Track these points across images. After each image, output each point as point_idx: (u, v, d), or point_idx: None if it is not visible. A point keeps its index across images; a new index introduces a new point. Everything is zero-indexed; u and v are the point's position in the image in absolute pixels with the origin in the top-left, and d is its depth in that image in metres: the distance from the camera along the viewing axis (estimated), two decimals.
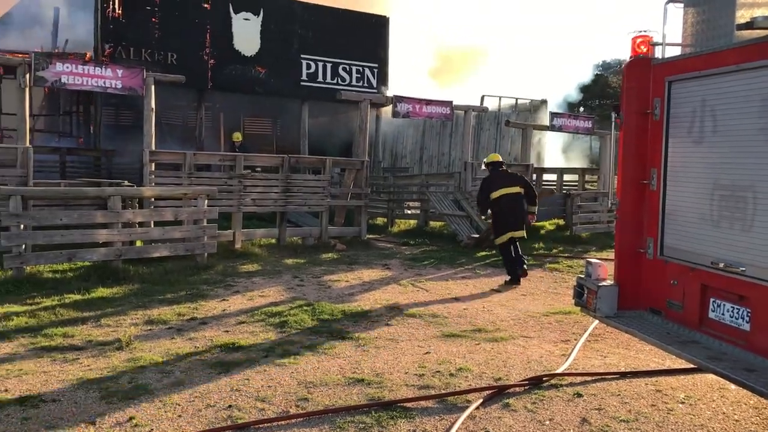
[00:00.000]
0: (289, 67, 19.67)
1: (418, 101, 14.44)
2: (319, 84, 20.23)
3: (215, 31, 18.28)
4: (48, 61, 10.26)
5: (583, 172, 21.27)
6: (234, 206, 11.82)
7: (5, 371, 5.33)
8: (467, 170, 15.26)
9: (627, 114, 5.27)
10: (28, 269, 8.93)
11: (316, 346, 6.27)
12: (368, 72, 21.05)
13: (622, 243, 5.42)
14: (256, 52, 19.04)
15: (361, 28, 20.84)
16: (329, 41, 20.20)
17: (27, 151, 10.01)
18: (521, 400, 5.00)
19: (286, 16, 19.46)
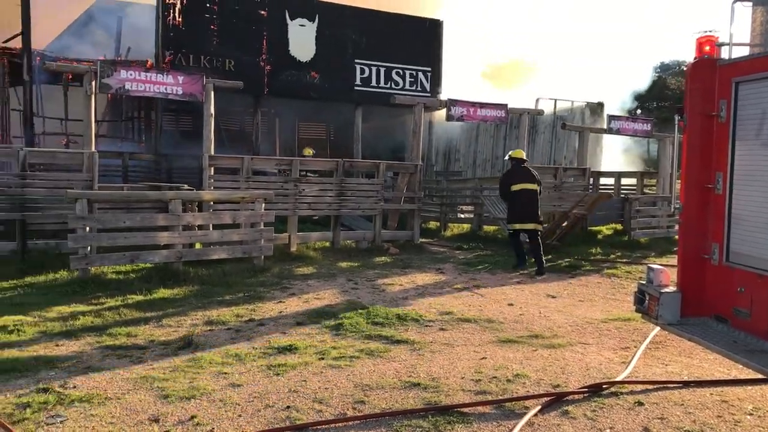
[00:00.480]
0: (343, 72, 19.83)
1: (473, 104, 14.37)
2: (373, 88, 20.34)
3: (272, 38, 18.58)
4: (113, 69, 10.61)
5: (641, 176, 20.78)
6: (290, 210, 11.99)
7: (73, 368, 5.51)
8: None
9: (691, 116, 5.14)
10: (93, 270, 9.22)
11: (371, 350, 6.29)
12: (421, 76, 21.05)
13: (686, 248, 5.28)
14: (311, 57, 19.27)
15: (415, 32, 20.86)
16: (383, 46, 20.30)
17: (93, 156, 10.36)
18: (580, 407, 4.92)
19: (341, 22, 19.64)
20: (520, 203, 11.27)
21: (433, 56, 21.27)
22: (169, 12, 17.13)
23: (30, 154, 10.21)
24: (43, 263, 9.80)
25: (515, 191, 11.28)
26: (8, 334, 6.50)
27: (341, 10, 19.80)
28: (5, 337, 6.38)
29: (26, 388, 4.98)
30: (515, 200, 11.34)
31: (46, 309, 7.57)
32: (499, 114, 14.81)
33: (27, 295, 8.31)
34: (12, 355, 5.84)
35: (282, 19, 18.73)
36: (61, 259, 9.91)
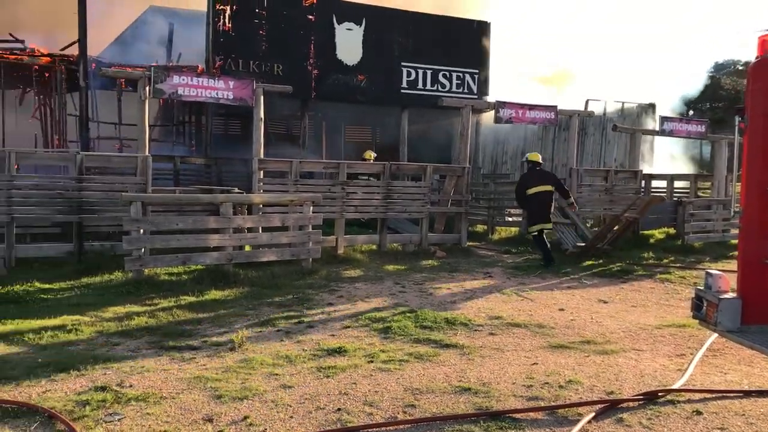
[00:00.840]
0: (390, 75, 19.87)
1: (521, 106, 14.21)
2: (419, 91, 20.32)
3: (319, 42, 18.74)
4: (166, 74, 10.83)
5: (695, 179, 20.27)
6: (337, 212, 12.05)
7: (129, 368, 5.64)
8: (572, 177, 14.87)
9: (752, 117, 4.98)
10: (147, 271, 9.42)
11: (420, 353, 6.27)
12: (468, 78, 20.95)
13: (746, 253, 5.12)
14: (358, 61, 19.36)
15: (462, 34, 20.77)
16: (429, 48, 20.27)
17: (146, 160, 10.60)
18: (636, 415, 4.81)
19: (388, 25, 19.69)
20: (538, 205, 12.03)
21: (481, 58, 21.15)
22: (219, 18, 17.43)
23: (87, 158, 10.51)
24: (99, 264, 10.07)
25: (532, 194, 12.05)
26: (67, 333, 6.69)
27: (388, 13, 19.86)
28: (64, 336, 6.57)
29: (85, 386, 5.11)
30: (533, 203, 12.08)
31: (102, 309, 7.77)
32: (549, 116, 14.62)
33: (84, 296, 8.55)
34: (71, 353, 6.00)
35: (329, 24, 18.88)
36: (116, 261, 10.16)
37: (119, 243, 10.26)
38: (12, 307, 7.80)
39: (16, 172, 10.02)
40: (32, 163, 12.03)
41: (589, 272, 11.52)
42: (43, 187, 10.22)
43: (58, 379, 5.29)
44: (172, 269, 10.01)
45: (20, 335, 6.52)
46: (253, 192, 11.39)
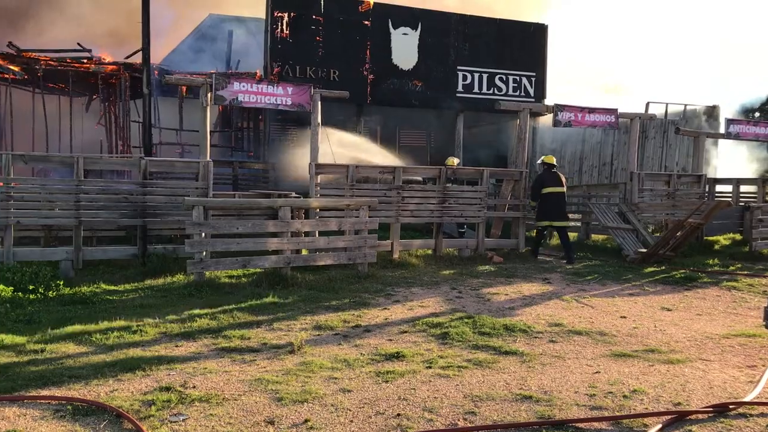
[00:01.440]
0: (445, 79, 19.81)
1: (581, 109, 13.97)
2: (475, 95, 20.21)
3: (375, 47, 18.83)
4: (226, 81, 11.05)
5: (762, 183, 19.52)
6: (392, 217, 12.06)
7: (192, 369, 5.75)
8: (634, 181, 14.52)
9: None
10: (208, 274, 9.61)
11: (479, 360, 6.20)
12: (525, 81, 20.72)
13: None
14: (414, 65, 19.38)
15: (518, 37, 20.58)
16: (485, 51, 20.14)
17: (207, 165, 10.83)
18: (705, 428, 4.64)
19: (443, 29, 19.65)
20: (550, 204, 12.90)
21: (538, 61, 20.89)
22: (278, 25, 17.70)
23: (150, 164, 10.80)
24: (162, 267, 10.32)
25: (546, 193, 12.90)
26: (132, 334, 6.87)
27: (444, 17, 19.82)
28: (130, 337, 6.74)
29: (150, 386, 5.24)
30: (546, 201, 12.92)
31: (165, 311, 7.94)
32: (609, 119, 14.32)
33: (147, 298, 8.77)
34: (136, 354, 6.16)
35: (385, 29, 18.95)
36: (178, 264, 10.41)
37: (181, 246, 10.52)
38: (80, 308, 8.06)
39: (83, 177, 10.36)
40: (98, 168, 12.42)
41: (651, 279, 11.22)
42: (109, 192, 10.55)
43: (124, 378, 5.44)
44: (231, 272, 10.19)
45: (88, 335, 6.73)
46: (310, 196, 11.50)
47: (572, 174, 23.61)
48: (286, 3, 17.80)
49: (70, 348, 6.33)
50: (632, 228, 13.81)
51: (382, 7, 19.05)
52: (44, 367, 5.71)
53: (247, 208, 10.91)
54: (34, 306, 8.04)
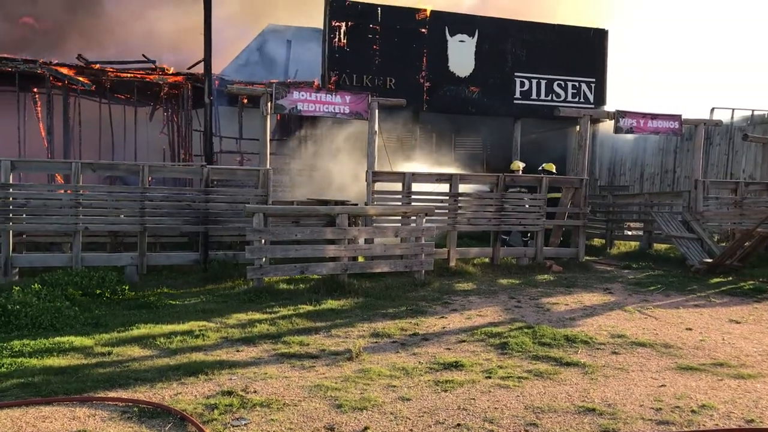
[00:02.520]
0: (503, 86, 19.65)
1: (643, 116, 13.64)
2: (533, 101, 19.97)
3: (431, 55, 18.82)
4: (286, 91, 11.22)
5: None
6: (449, 224, 12.00)
7: (253, 374, 5.82)
8: (698, 189, 14.09)
9: None
10: (267, 280, 9.75)
11: (540, 371, 6.09)
12: (585, 87, 20.37)
13: None
14: (470, 72, 19.29)
15: (577, 43, 20.25)
16: (544, 57, 19.90)
17: (267, 173, 11.01)
18: None
19: (500, 36, 19.50)
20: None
21: (598, 67, 20.52)
22: (335, 35, 17.88)
23: (212, 172, 11.04)
24: (222, 273, 10.53)
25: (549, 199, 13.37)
26: (195, 338, 7.01)
27: (501, 23, 19.66)
28: (193, 342, 6.88)
29: (213, 390, 5.33)
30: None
31: (226, 316, 8.09)
32: (672, 125, 13.94)
33: (209, 302, 8.94)
34: (199, 358, 6.28)
35: (442, 36, 18.93)
36: (238, 269, 10.60)
37: (241, 252, 10.71)
38: (144, 312, 8.28)
39: (148, 184, 10.66)
40: (161, 176, 12.77)
41: (718, 290, 10.84)
42: (172, 199, 10.83)
43: (187, 382, 5.54)
44: (289, 278, 10.31)
45: (152, 339, 6.90)
46: (367, 203, 11.54)
47: (633, 182, 23.08)
48: (343, 13, 17.97)
49: (136, 351, 6.50)
50: (697, 237, 13.38)
51: (439, 15, 19.04)
52: (111, 369, 5.88)
53: (305, 215, 11.04)
54: (101, 309, 8.29)
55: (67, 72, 16.93)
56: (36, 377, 5.55)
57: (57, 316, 7.49)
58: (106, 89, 18.11)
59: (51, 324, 7.34)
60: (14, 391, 5.22)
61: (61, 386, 5.31)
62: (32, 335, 6.92)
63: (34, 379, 5.50)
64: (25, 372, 5.68)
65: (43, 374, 5.63)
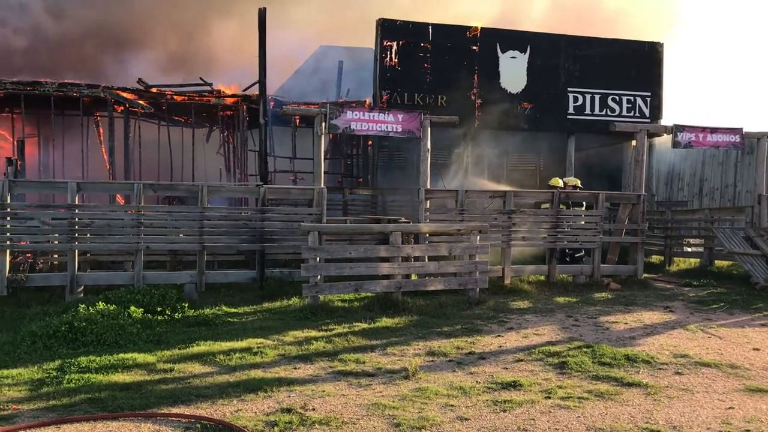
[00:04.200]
0: (555, 101, 19.46)
1: (702, 129, 13.31)
2: (587, 116, 19.70)
3: (483, 72, 18.79)
4: (340, 110, 11.36)
5: None
6: (503, 242, 11.90)
7: (311, 391, 5.87)
8: (762, 204, 13.63)
9: None
10: (322, 298, 9.82)
11: (600, 391, 5.97)
12: (640, 101, 20.01)
13: None
14: (522, 88, 19.16)
15: (632, 57, 19.92)
16: (597, 72, 19.64)
17: (321, 192, 11.14)
18: None
19: (553, 51, 19.34)
20: None
21: (653, 80, 20.14)
22: (387, 54, 18.04)
23: (268, 191, 11.22)
24: (278, 290, 10.67)
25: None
26: (253, 355, 7.11)
27: (553, 38, 19.51)
28: (251, 359, 6.99)
29: (272, 407, 5.39)
30: None
31: (283, 333, 8.19)
32: (733, 139, 13.55)
33: (265, 320, 9.07)
34: (258, 375, 6.36)
35: (493, 53, 18.89)
36: (293, 287, 10.72)
37: (296, 270, 10.84)
38: (203, 330, 8.44)
39: (207, 204, 10.90)
40: (219, 195, 13.01)
41: None
42: (230, 218, 11.06)
43: (247, 399, 5.63)
44: (343, 296, 10.38)
45: (212, 356, 7.03)
46: (420, 221, 11.55)
47: (691, 197, 22.48)
48: (395, 32, 18.12)
49: (196, 368, 6.64)
50: (761, 254, 12.92)
51: (490, 32, 19.02)
52: (173, 385, 6.01)
53: (359, 233, 11.11)
54: (162, 327, 8.48)
55: (128, 96, 17.49)
56: (102, 393, 5.71)
57: (121, 333, 7.71)
58: (164, 112, 18.63)
59: (115, 341, 7.56)
60: (82, 406, 5.39)
61: (127, 402, 5.46)
62: (97, 351, 7.14)
63: (100, 394, 5.66)
64: (92, 387, 5.86)
65: (109, 390, 5.79)
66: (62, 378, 6.10)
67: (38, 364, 6.67)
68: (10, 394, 5.72)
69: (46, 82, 17.08)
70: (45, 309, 9.22)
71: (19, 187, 10.80)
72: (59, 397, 5.59)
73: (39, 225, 10.14)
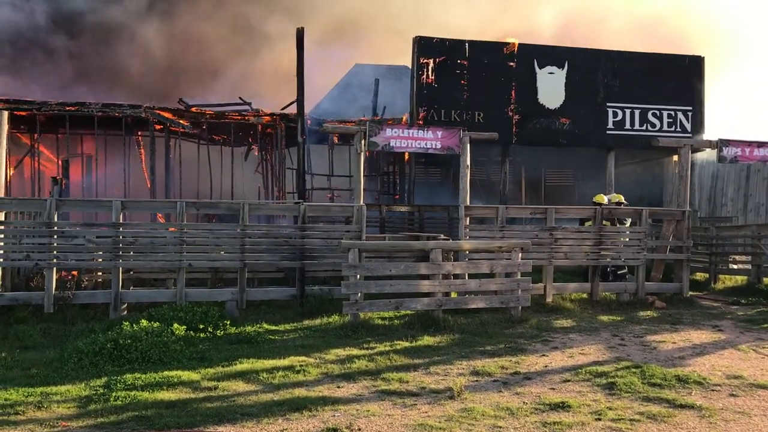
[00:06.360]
0: (594, 117, 19.23)
1: (748, 144, 13.00)
2: (627, 131, 19.42)
3: (520, 87, 18.68)
4: (379, 128, 11.38)
5: None
6: (545, 259, 11.74)
7: (355, 411, 5.82)
8: None
9: None
10: (362, 315, 9.77)
11: (653, 413, 5.80)
12: (681, 116, 19.66)
13: None
14: (560, 104, 18.98)
15: (673, 71, 19.61)
16: (637, 87, 19.37)
17: (361, 209, 11.13)
18: None
19: (591, 66, 19.15)
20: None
21: (694, 95, 19.78)
22: (423, 71, 18.05)
23: (309, 209, 11.25)
24: (318, 308, 10.64)
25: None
26: (296, 374, 7.09)
27: (592, 54, 19.33)
28: (294, 377, 6.96)
29: (318, 427, 5.35)
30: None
31: (325, 351, 8.15)
32: None
33: (306, 338, 9.05)
34: (302, 394, 6.33)
35: (531, 69, 18.78)
36: (333, 305, 10.69)
37: (336, 287, 10.82)
38: (245, 347, 8.45)
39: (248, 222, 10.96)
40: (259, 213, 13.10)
41: None
42: (271, 236, 11.09)
43: (292, 418, 5.60)
44: (383, 314, 10.31)
45: (255, 374, 7.02)
46: (460, 238, 11.45)
47: (736, 212, 21.97)
48: (431, 50, 18.14)
49: (240, 386, 6.63)
50: None
51: (527, 48, 18.92)
52: (218, 404, 6.01)
53: (399, 250, 11.06)
54: (205, 344, 8.51)
55: (169, 116, 17.80)
56: (149, 410, 5.74)
57: (165, 351, 7.75)
58: (204, 131, 18.91)
59: (159, 358, 7.60)
60: (129, 423, 5.42)
61: (173, 420, 5.47)
62: (142, 369, 7.18)
63: (147, 412, 5.69)
64: (138, 405, 5.88)
65: (155, 408, 5.81)
66: (109, 395, 6.14)
67: (85, 381, 6.74)
68: (60, 411, 5.78)
69: (90, 103, 17.49)
70: (90, 326, 9.35)
71: (65, 206, 11.01)
72: (107, 415, 5.62)
73: (84, 243, 10.30)
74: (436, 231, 16.90)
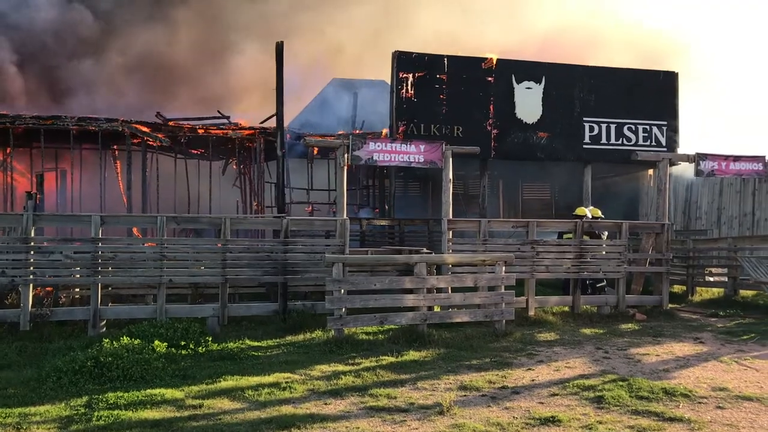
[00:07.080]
0: (571, 131, 19.42)
1: (725, 158, 13.20)
2: (603, 146, 19.63)
3: (498, 102, 18.81)
4: (362, 141, 11.36)
5: None
6: (527, 273, 11.77)
7: (345, 428, 5.74)
8: None
9: None
10: (346, 331, 9.68)
11: (642, 426, 5.81)
12: (656, 130, 19.94)
13: None
14: (538, 118, 19.15)
15: (647, 86, 19.91)
16: (613, 102, 19.62)
17: (344, 223, 11.08)
18: None
19: (568, 81, 19.36)
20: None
21: (669, 109, 20.10)
22: (403, 86, 18.10)
23: (291, 222, 11.17)
24: (301, 323, 10.53)
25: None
26: (282, 391, 6.98)
27: (568, 69, 19.55)
28: (280, 394, 6.86)
29: None
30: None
31: (310, 367, 8.05)
32: (756, 167, 13.42)
33: (290, 354, 8.93)
34: (289, 411, 6.23)
35: (508, 84, 18.93)
36: (315, 320, 10.60)
37: (318, 302, 10.73)
38: (229, 364, 8.31)
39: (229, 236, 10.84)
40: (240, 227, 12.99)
41: None
42: (253, 250, 10.98)
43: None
44: (368, 328, 10.23)
45: (241, 391, 6.90)
46: (443, 252, 11.44)
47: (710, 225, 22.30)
48: (411, 65, 18.19)
49: (226, 404, 6.51)
50: None
51: (505, 63, 19.06)
52: (204, 422, 5.90)
53: (383, 264, 11.01)
54: (187, 361, 8.36)
55: (146, 129, 17.60)
56: (133, 430, 5.62)
57: (146, 368, 7.59)
58: (181, 145, 18.73)
59: (141, 376, 7.44)
60: None
61: None
62: (124, 387, 7.02)
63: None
64: (122, 425, 5.74)
65: (139, 427, 5.69)
66: (91, 415, 5.98)
67: (65, 400, 6.57)
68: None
69: (65, 116, 17.23)
70: (68, 343, 9.15)
71: (42, 221, 10.80)
72: None
73: (62, 259, 10.10)
74: (417, 244, 16.94)
